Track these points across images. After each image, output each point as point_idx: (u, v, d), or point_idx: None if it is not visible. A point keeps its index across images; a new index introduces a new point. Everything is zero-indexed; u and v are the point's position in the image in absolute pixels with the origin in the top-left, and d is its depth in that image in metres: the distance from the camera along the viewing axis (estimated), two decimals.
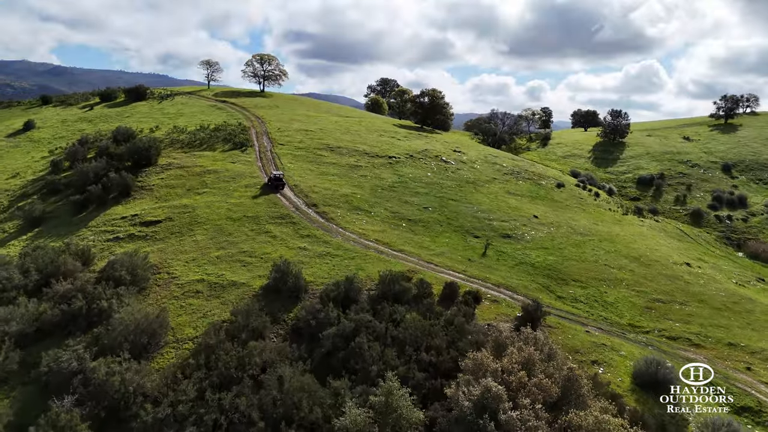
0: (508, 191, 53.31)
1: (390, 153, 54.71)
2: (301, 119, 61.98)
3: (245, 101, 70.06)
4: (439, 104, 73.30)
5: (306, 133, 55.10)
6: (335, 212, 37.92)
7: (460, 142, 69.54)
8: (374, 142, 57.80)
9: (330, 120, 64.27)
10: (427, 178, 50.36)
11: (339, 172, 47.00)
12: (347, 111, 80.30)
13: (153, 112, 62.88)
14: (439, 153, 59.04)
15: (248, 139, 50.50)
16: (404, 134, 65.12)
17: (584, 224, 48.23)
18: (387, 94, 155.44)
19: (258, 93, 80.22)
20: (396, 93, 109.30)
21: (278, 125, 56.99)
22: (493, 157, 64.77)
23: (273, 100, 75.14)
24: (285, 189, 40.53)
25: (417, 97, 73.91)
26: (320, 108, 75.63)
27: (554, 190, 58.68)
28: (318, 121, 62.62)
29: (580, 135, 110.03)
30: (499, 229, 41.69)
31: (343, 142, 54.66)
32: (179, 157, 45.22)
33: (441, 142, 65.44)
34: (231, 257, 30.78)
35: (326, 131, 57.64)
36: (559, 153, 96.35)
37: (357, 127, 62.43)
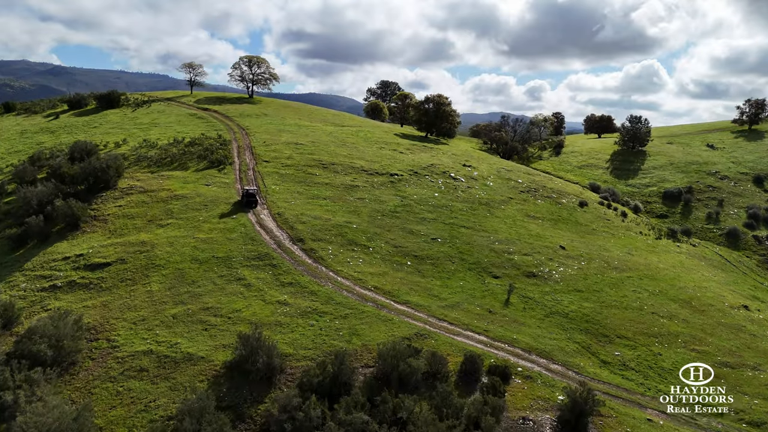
0: (527, 214, 47.19)
1: (391, 169, 48.60)
2: (291, 130, 55.90)
3: (230, 109, 63.98)
4: (445, 111, 67.27)
5: (296, 147, 48.99)
6: (326, 249, 31.77)
7: (469, 154, 63.47)
8: (373, 156, 51.71)
9: (324, 131, 58.20)
10: (435, 200, 44.25)
11: (332, 194, 40.88)
12: (344, 118, 74.24)
13: (125, 121, 56.79)
14: (446, 168, 52.95)
15: (228, 155, 44.37)
16: (407, 146, 59.03)
17: (617, 254, 42.10)
18: (388, 97, 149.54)
19: (246, 99, 74.18)
20: (397, 97, 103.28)
21: (264, 138, 50.89)
22: (506, 171, 58.69)
23: (262, 106, 69.08)
24: (267, 219, 34.42)
25: (421, 104, 67.90)
26: (314, 116, 69.56)
27: (577, 211, 52.60)
28: (310, 131, 56.54)
29: (596, 142, 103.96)
30: (521, 265, 35.53)
31: (338, 158, 48.56)
32: (144, 179, 39.09)
33: (448, 154, 59.35)
34: (191, 316, 24.62)
35: (319, 144, 51.54)
36: (574, 162, 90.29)
37: (354, 139, 56.35)
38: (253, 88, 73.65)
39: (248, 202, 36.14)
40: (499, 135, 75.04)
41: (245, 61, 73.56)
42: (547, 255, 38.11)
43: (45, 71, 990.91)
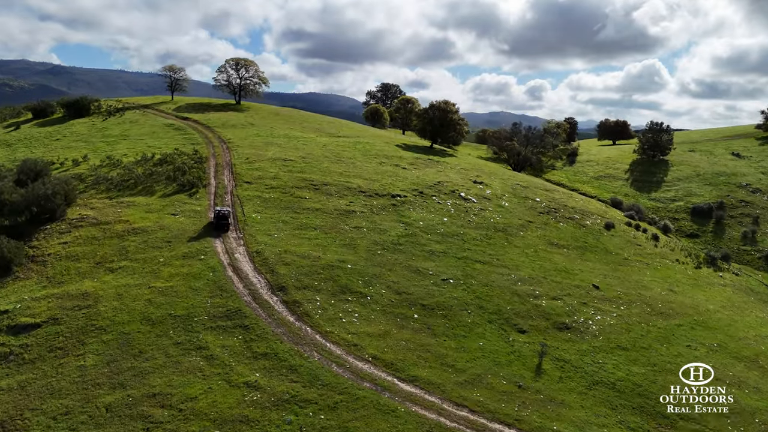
0: (549, 241, 41.47)
1: (393, 189, 42.92)
2: (280, 143, 50.22)
3: (213, 117, 58.35)
4: (452, 119, 61.62)
5: (284, 164, 43.31)
6: (313, 301, 26.05)
7: (479, 168, 57.77)
8: (373, 173, 46.02)
9: (317, 143, 52.51)
10: (444, 227, 38.58)
11: (324, 222, 35.19)
12: (340, 126, 68.55)
13: (92, 133, 51.12)
14: (456, 186, 47.28)
15: (202, 175, 38.71)
16: (410, 159, 53.33)
17: (659, 293, 36.37)
18: (389, 101, 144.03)
19: (232, 105, 68.56)
20: (399, 102, 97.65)
21: (248, 153, 45.20)
22: (522, 188, 53.00)
23: (249, 114, 63.47)
24: (242, 260, 28.72)
25: (425, 111, 62.29)
26: (307, 124, 63.89)
27: (604, 235, 46.89)
28: (301, 144, 50.86)
29: (612, 150, 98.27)
30: (551, 313, 29.81)
31: (333, 176, 42.88)
32: (99, 207, 33.39)
33: (456, 169, 53.66)
34: (130, 408, 18.90)
35: (311, 159, 45.86)
36: (590, 173, 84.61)
37: (351, 153, 50.66)
38: (241, 93, 68.00)
39: (219, 224, 31.59)
40: (511, 145, 69.35)
41: (232, 64, 67.93)
42: (579, 297, 32.39)
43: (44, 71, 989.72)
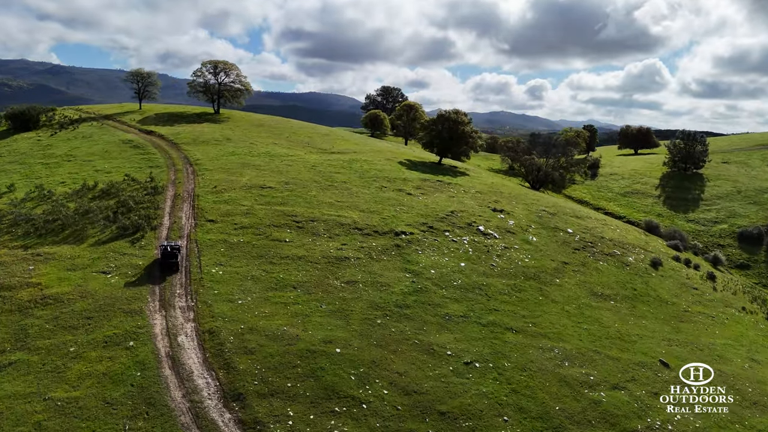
0: (592, 290, 33.73)
1: (397, 225, 35.20)
2: (259, 163, 42.48)
3: (183, 131, 50.63)
4: (463, 132, 53.92)
5: (261, 194, 35.57)
6: (283, 419, 18.25)
7: (497, 189, 50.03)
8: (371, 201, 38.30)
9: (306, 162, 44.76)
10: (462, 275, 30.89)
11: (307, 277, 27.47)
12: (334, 140, 60.80)
13: (34, 151, 43.36)
14: (472, 217, 39.62)
15: (154, 213, 30.93)
16: (416, 182, 45.58)
17: (739, 366, 28.62)
18: (390, 105, 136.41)
19: (209, 115, 60.89)
20: (401, 108, 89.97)
21: (218, 178, 37.46)
22: (548, 215, 45.32)
23: (228, 126, 55.76)
24: (187, 345, 20.96)
25: (433, 123, 54.56)
26: (295, 138, 56.14)
27: (652, 276, 39.26)
28: (286, 165, 43.12)
29: (636, 161, 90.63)
30: (615, 413, 22.02)
31: (322, 208, 35.16)
32: (7, 261, 25.59)
33: (471, 193, 45.95)
34: None
35: (296, 186, 38.14)
36: (615, 188, 76.90)
37: (346, 175, 42.93)
38: (220, 101, 60.27)
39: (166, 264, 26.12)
40: (530, 159, 61.63)
41: (209, 67, 60.17)
42: (647, 383, 24.61)
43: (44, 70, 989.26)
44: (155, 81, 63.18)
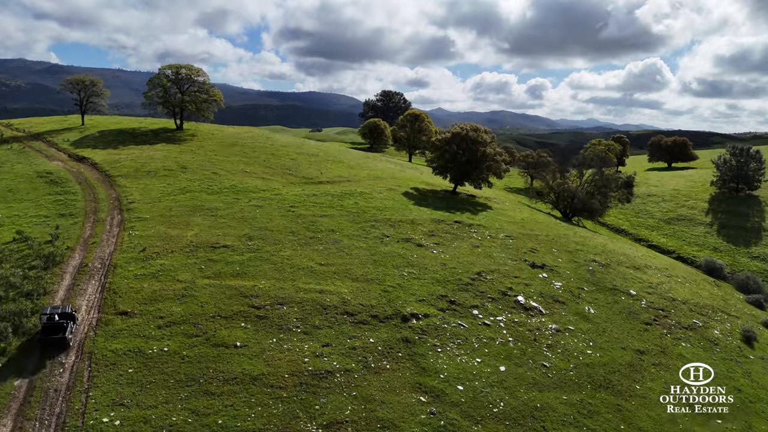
0: (686, 402, 23.59)
1: (405, 303, 25.15)
2: (217, 204, 32.38)
3: (127, 156, 40.53)
4: (485, 154, 43.88)
5: (210, 257, 25.46)
6: None
7: (529, 228, 39.97)
8: (368, 263, 28.23)
9: (282, 201, 34.65)
10: (503, 391, 20.97)
11: (264, 423, 17.38)
12: (325, 162, 50.69)
13: None
14: (506, 280, 29.65)
15: (33, 306, 20.81)
16: (428, 225, 35.51)
17: None
18: (391, 112, 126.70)
19: (170, 132, 50.85)
20: (405, 118, 79.93)
21: (153, 232, 27.36)
22: (600, 267, 35.34)
23: (188, 148, 45.73)
24: None
25: (447, 143, 44.44)
26: (275, 162, 46.00)
27: (751, 361, 29.66)
28: (255, 205, 33.02)
29: (677, 179, 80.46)
30: None
31: (297, 278, 25.10)
32: None
33: (499, 240, 35.92)
34: None
35: (263, 240, 28.08)
36: (656, 213, 66.83)
37: (334, 218, 32.83)
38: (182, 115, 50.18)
39: (48, 342, 19.32)
40: (563, 184, 51.56)
41: (170, 73, 49.98)
42: None
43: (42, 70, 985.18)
44: (100, 91, 52.88)
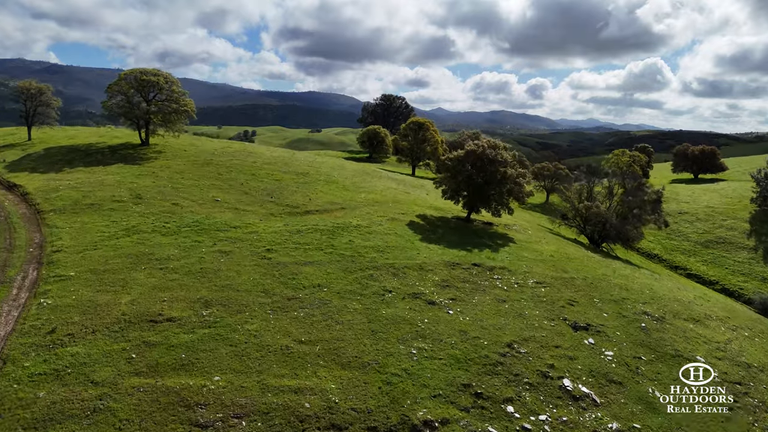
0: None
1: (414, 404, 18.43)
2: (171, 252, 25.63)
3: (69, 183, 33.77)
4: (505, 176, 37.22)
5: (145, 339, 18.79)
6: None
7: (562, 270, 33.26)
8: (363, 336, 21.57)
9: (256, 242, 27.91)
10: None
11: None
12: (315, 182, 44.02)
13: None
14: (544, 353, 23.02)
15: None
16: (440, 269, 28.80)
17: None
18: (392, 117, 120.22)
19: (132, 147, 44.15)
20: (407, 127, 73.19)
21: (75, 299, 20.70)
22: (653, 322, 28.71)
23: (150, 168, 39.02)
24: None
25: (461, 163, 37.71)
26: (255, 186, 39.23)
27: None
28: (220, 250, 26.28)
29: (708, 194, 73.82)
30: None
31: (265, 366, 18.47)
32: None
33: (529, 287, 29.22)
34: None
35: (224, 306, 21.44)
36: (692, 236, 60.13)
37: (322, 265, 26.12)
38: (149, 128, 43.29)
39: None
40: (594, 208, 44.84)
41: (131, 79, 43.18)
42: None
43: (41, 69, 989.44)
44: (49, 100, 46.27)
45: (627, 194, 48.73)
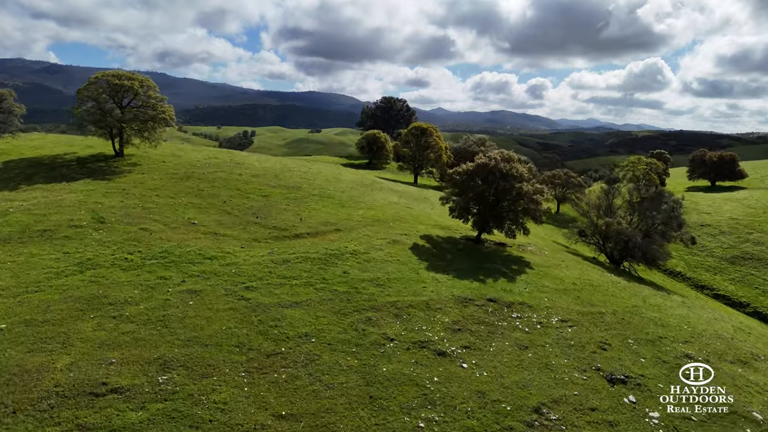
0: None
1: None
2: (129, 294, 21.76)
3: (22, 205, 29.81)
4: (521, 192, 33.30)
5: (83, 418, 14.96)
6: None
7: (588, 303, 29.32)
8: (358, 400, 17.66)
9: (235, 276, 24.08)
10: None
11: None
12: (308, 198, 40.15)
13: None
14: (578, 418, 18.96)
15: None
16: (450, 307, 24.90)
17: None
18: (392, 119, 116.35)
19: (104, 160, 40.26)
20: (409, 132, 69.18)
21: (2, 361, 16.72)
22: (694, 363, 24.65)
23: (120, 185, 35.09)
24: None
25: (470, 178, 33.77)
26: (239, 204, 35.31)
27: None
28: (189, 290, 22.38)
29: (730, 204, 69.89)
30: None
31: None
32: None
33: (553, 327, 25.30)
34: None
35: (189, 370, 17.63)
36: (716, 251, 56.18)
37: (310, 307, 22.25)
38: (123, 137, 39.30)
39: None
40: (616, 225, 40.90)
41: (103, 83, 39.21)
42: None
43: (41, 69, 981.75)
44: (11, 107, 42.24)
45: (648, 207, 44.81)
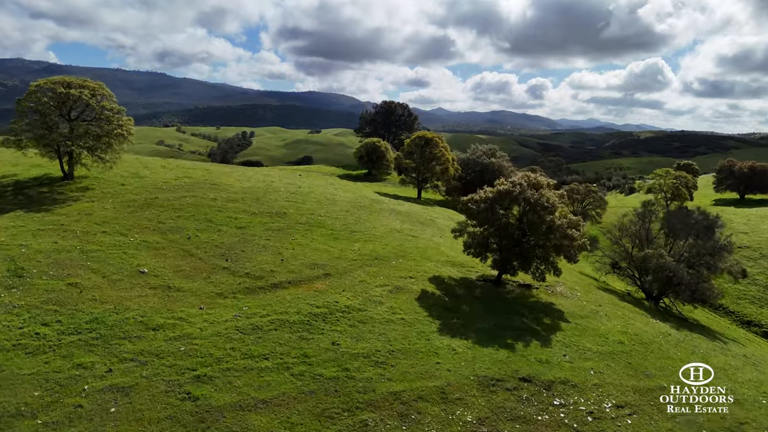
0: None
1: None
2: (34, 385, 15.79)
3: None
4: (553, 226, 27.27)
5: None
6: None
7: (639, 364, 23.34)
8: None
9: (182, 359, 18.09)
10: None
11: None
12: (295, 226, 34.17)
13: None
14: None
15: None
16: (470, 384, 18.86)
17: None
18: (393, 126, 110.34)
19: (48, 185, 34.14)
20: (412, 143, 63.11)
21: None
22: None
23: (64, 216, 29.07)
24: None
25: (490, 206, 27.74)
26: (211, 231, 29.29)
27: None
28: (116, 377, 16.41)
29: (766, 220, 63.86)
30: None
31: None
32: None
33: (609, 425, 19.16)
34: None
35: None
36: (760, 278, 50.10)
37: (282, 423, 16.09)
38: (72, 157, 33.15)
39: None
40: (657, 257, 34.94)
41: (49, 89, 32.92)
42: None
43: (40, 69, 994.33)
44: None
45: (692, 233, 38.90)
